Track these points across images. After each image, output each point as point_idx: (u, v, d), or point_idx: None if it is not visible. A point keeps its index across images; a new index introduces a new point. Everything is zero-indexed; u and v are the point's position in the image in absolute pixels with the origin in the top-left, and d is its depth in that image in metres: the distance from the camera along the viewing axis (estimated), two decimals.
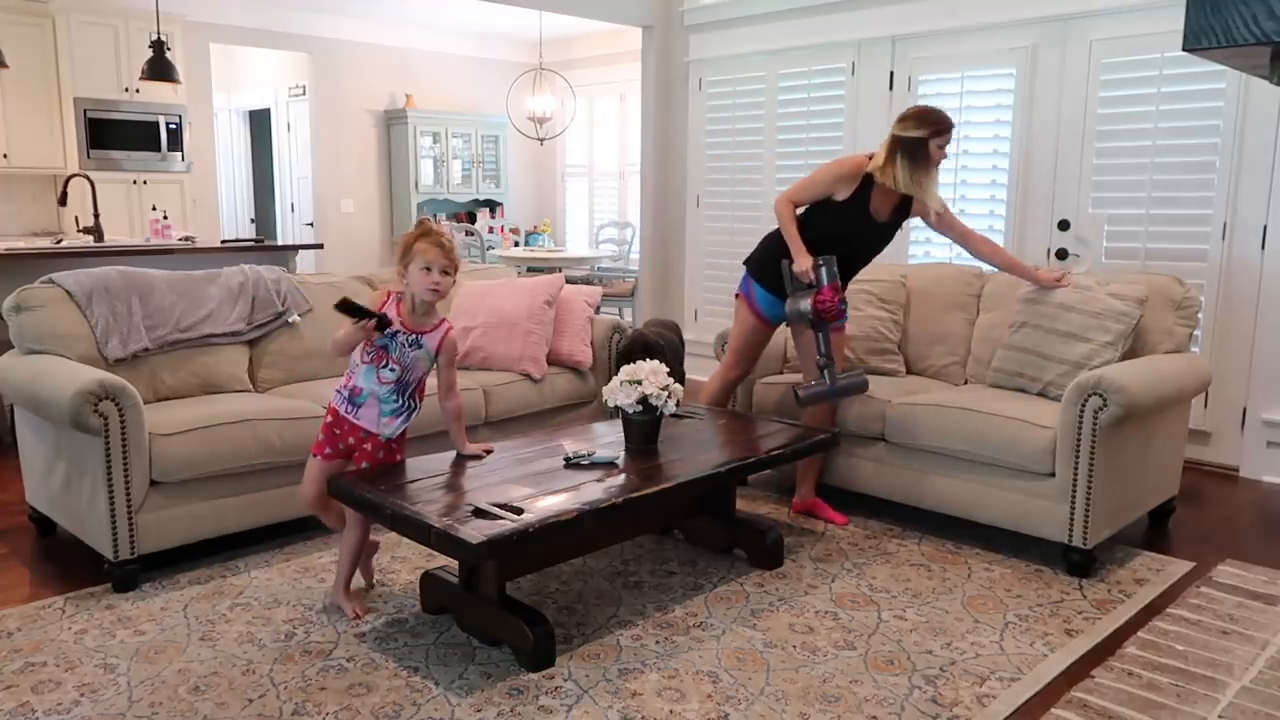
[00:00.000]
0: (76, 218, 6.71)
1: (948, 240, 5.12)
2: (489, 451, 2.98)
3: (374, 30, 8.74)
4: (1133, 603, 2.95)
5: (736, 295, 3.76)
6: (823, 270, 3.41)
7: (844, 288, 3.52)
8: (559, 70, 8.64)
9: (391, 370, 2.76)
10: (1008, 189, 4.92)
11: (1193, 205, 4.35)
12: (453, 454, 2.93)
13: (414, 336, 2.79)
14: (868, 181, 3.43)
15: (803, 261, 3.41)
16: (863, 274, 4.27)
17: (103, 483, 2.87)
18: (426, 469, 2.80)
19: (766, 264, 3.62)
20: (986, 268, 4.38)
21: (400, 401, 2.80)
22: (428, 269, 2.75)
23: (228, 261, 4.28)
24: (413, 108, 8.95)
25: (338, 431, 2.79)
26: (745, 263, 3.75)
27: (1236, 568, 3.23)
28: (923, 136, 3.32)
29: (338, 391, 2.80)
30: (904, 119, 3.38)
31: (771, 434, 3.28)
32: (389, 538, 3.36)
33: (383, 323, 2.71)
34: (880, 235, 3.57)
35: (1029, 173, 4.83)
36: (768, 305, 3.65)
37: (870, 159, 3.44)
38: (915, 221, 5.28)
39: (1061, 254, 4.74)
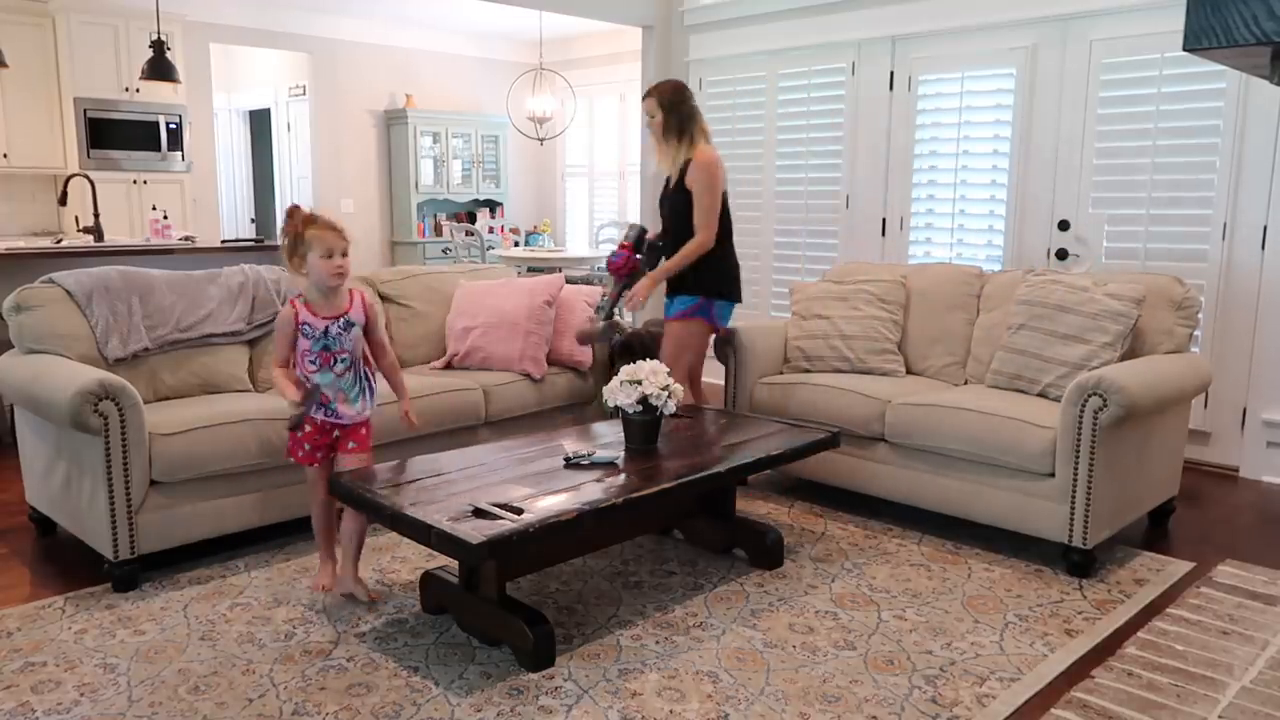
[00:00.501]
0: (76, 217, 6.71)
1: (948, 241, 5.17)
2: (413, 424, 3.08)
3: (374, 30, 8.74)
4: (1133, 603, 2.95)
5: None
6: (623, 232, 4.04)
7: (663, 256, 3.92)
8: (559, 70, 8.64)
9: (342, 361, 2.82)
10: (1008, 189, 4.92)
11: (1193, 205, 4.35)
12: (452, 454, 2.94)
13: (341, 320, 2.82)
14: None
15: None
16: (862, 274, 4.30)
17: (103, 483, 2.88)
18: (426, 469, 2.81)
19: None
20: (987, 267, 4.38)
21: (358, 383, 2.86)
22: (329, 255, 2.77)
23: (228, 261, 4.28)
24: (413, 108, 8.95)
25: (319, 436, 2.84)
26: None
27: (1236, 568, 3.23)
28: None
29: None
30: None
31: (771, 434, 3.28)
32: (389, 538, 3.37)
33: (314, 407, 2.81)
34: (667, 204, 3.93)
35: (1029, 173, 4.83)
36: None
37: None
38: (914, 221, 5.31)
39: (1061, 254, 4.74)
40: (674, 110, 3.79)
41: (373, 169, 9.06)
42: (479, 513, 2.43)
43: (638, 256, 3.91)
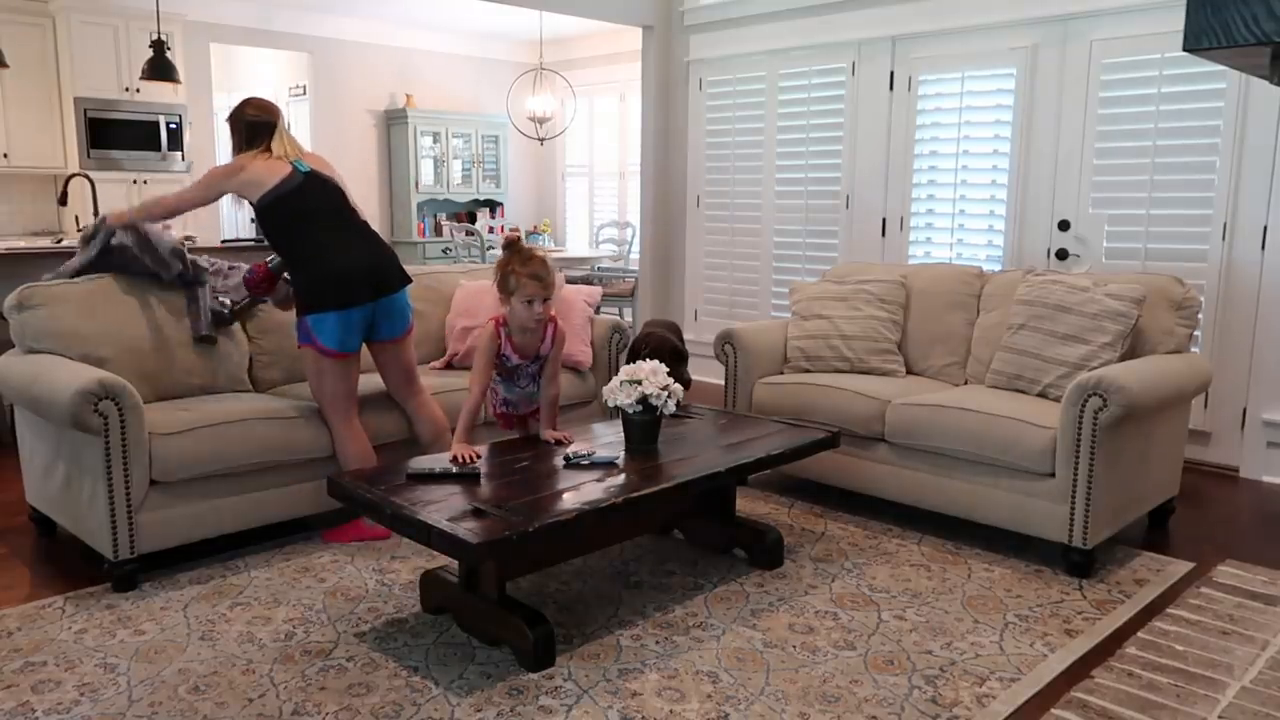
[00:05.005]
0: (76, 217, 6.72)
1: (948, 241, 5.17)
2: (567, 440, 3.14)
3: (374, 30, 8.74)
4: (1133, 603, 2.95)
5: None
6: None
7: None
8: (559, 70, 8.64)
9: (527, 377, 3.30)
10: (1008, 189, 4.92)
11: (1193, 205, 4.35)
12: (450, 454, 2.94)
13: (533, 358, 3.21)
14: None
15: None
16: (862, 274, 4.30)
17: (103, 482, 2.87)
18: (426, 468, 2.80)
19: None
20: (987, 267, 4.38)
21: (536, 389, 3.33)
22: (530, 303, 3.07)
23: (228, 261, 4.27)
24: (413, 108, 8.96)
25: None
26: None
27: (1236, 568, 3.23)
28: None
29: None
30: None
31: (771, 434, 3.28)
32: (389, 538, 3.37)
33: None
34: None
35: (1029, 173, 4.84)
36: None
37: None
38: (916, 221, 5.30)
39: (1061, 254, 4.74)
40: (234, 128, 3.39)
41: (373, 169, 9.06)
42: (479, 513, 2.43)
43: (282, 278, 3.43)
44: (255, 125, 3.34)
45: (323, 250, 3.24)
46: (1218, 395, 4.36)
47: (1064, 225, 4.74)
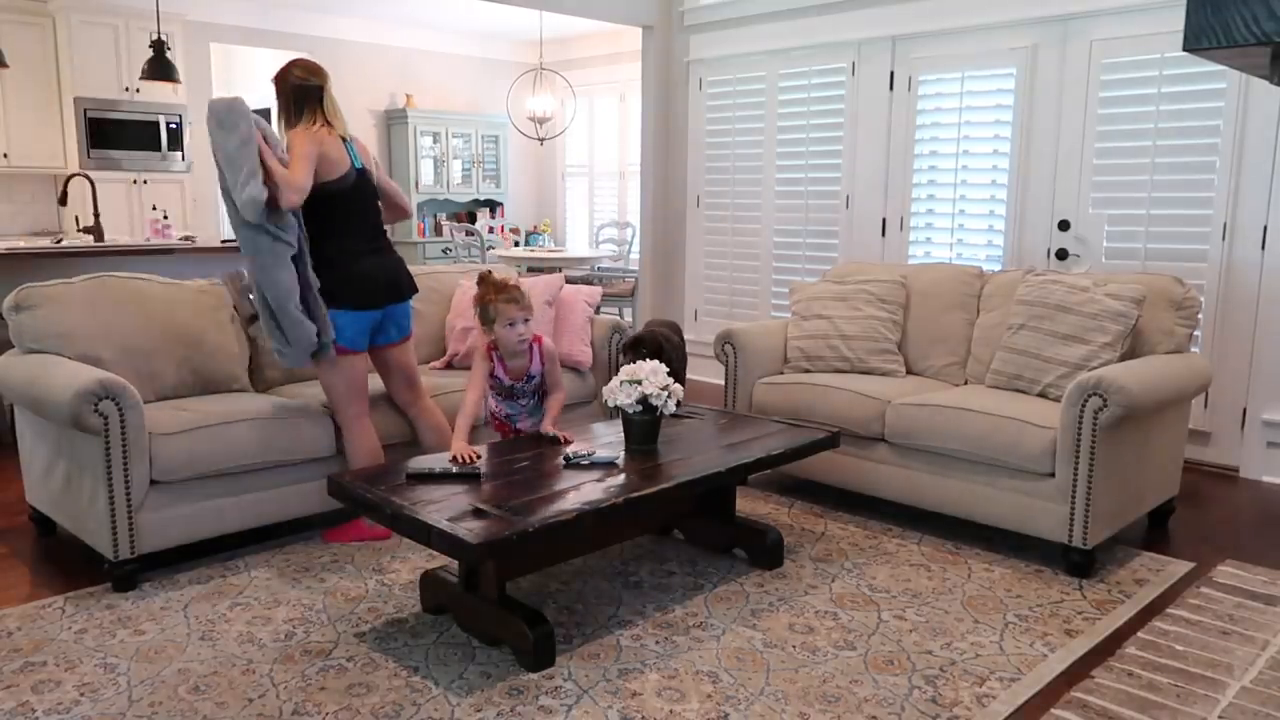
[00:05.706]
0: (76, 217, 6.71)
1: (948, 241, 5.18)
2: (566, 440, 3.15)
3: (374, 30, 8.74)
4: (1133, 603, 2.95)
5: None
6: None
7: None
8: (559, 70, 8.64)
9: (525, 396, 3.42)
10: (1008, 189, 4.91)
11: (1193, 205, 4.35)
12: (450, 454, 2.94)
13: (524, 378, 3.35)
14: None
15: None
16: (862, 274, 4.30)
17: (103, 482, 2.87)
18: (426, 468, 2.80)
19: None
20: (987, 267, 4.38)
21: (539, 405, 3.45)
22: (512, 324, 3.22)
23: (228, 262, 4.28)
24: (413, 108, 8.96)
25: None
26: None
27: (1236, 568, 3.23)
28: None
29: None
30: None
31: (771, 434, 3.28)
32: (389, 538, 3.37)
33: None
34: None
35: (1029, 173, 4.83)
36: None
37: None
38: (916, 221, 5.30)
39: (1061, 254, 4.74)
40: (281, 94, 3.27)
41: None
42: (479, 513, 2.43)
43: None
44: (303, 89, 3.23)
45: (358, 249, 3.28)
46: (1218, 395, 4.36)
47: (1064, 225, 4.73)
